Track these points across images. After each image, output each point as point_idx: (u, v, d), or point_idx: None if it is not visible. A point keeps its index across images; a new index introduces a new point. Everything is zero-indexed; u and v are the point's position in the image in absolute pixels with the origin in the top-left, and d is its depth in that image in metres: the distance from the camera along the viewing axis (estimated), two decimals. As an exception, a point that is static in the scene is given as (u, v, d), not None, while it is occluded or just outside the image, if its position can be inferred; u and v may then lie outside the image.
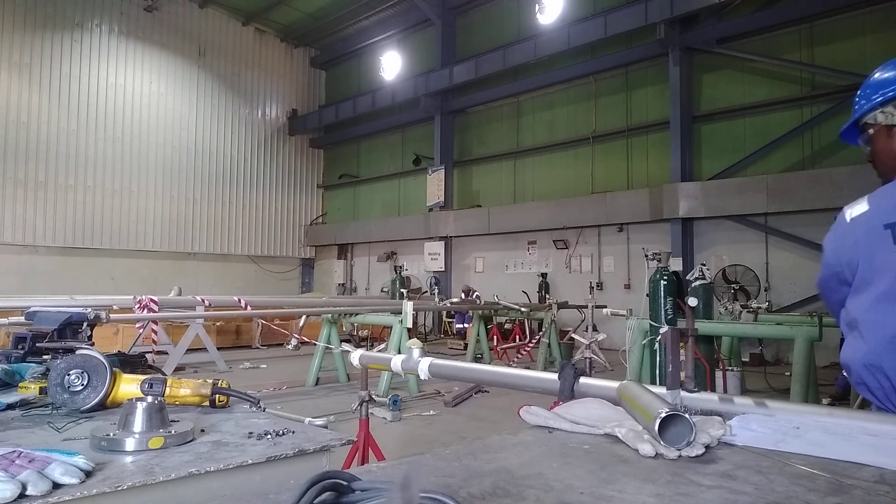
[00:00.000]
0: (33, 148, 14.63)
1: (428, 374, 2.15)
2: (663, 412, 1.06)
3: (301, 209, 19.95)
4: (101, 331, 2.15)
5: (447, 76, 15.13)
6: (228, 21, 18.30)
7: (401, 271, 15.12)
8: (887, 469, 0.97)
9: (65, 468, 0.97)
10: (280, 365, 10.00)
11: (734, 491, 0.88)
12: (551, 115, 14.45)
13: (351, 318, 8.94)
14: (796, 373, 5.50)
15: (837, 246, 1.47)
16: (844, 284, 1.44)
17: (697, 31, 11.56)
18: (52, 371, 1.49)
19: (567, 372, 1.61)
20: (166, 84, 16.98)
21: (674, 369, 1.35)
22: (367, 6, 17.07)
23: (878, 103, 1.50)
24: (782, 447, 1.09)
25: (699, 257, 10.87)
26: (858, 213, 1.43)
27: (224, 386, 1.62)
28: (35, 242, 14.63)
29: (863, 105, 1.54)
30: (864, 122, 1.55)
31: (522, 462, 1.04)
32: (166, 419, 1.27)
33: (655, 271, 5.93)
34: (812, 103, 10.58)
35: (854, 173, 9.57)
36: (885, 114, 1.48)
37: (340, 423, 5.25)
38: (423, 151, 16.78)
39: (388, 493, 0.76)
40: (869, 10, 10.03)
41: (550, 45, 13.14)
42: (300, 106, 19.87)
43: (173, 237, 16.90)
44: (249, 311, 8.82)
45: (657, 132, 12.35)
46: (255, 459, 1.18)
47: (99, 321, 1.91)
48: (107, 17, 15.94)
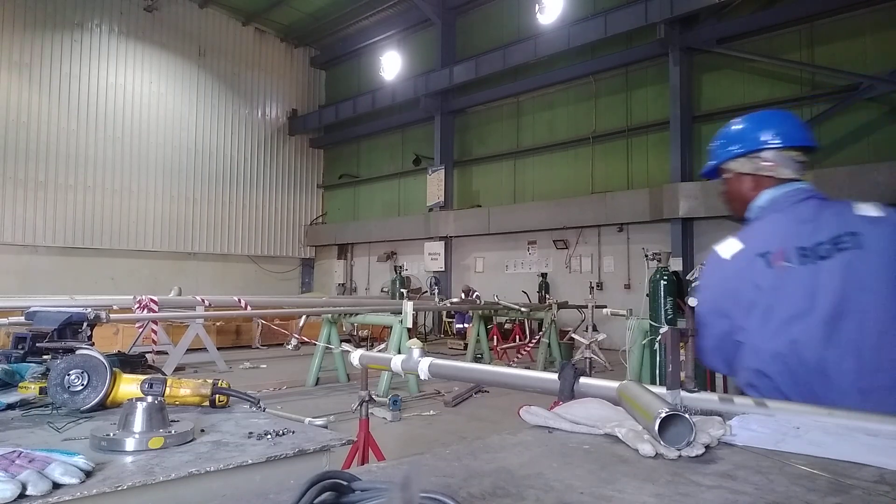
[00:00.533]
0: (33, 148, 14.63)
1: (428, 374, 2.15)
2: (663, 412, 1.06)
3: (301, 209, 19.95)
4: (101, 331, 2.15)
5: (447, 76, 15.13)
6: (228, 21, 18.30)
7: (401, 271, 15.14)
8: (887, 469, 0.97)
9: (65, 468, 0.97)
10: (280, 365, 10.00)
11: (734, 491, 0.88)
12: (551, 115, 14.45)
13: (351, 318, 8.94)
14: (796, 373, 5.49)
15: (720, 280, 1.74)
16: (724, 318, 1.70)
17: (697, 31, 11.55)
18: (52, 371, 1.49)
19: (567, 372, 1.61)
20: (166, 84, 16.98)
21: (674, 369, 1.36)
22: (367, 6, 17.07)
23: (734, 156, 1.83)
24: (782, 447, 1.09)
25: (699, 257, 10.87)
26: (737, 251, 1.71)
27: (224, 386, 1.62)
28: (35, 242, 14.63)
29: (720, 155, 1.87)
30: (721, 167, 1.88)
31: (522, 462, 1.04)
32: (166, 419, 1.27)
33: (655, 271, 5.93)
34: (812, 103, 10.58)
35: (854, 173, 9.58)
36: (739, 163, 1.82)
37: (340, 423, 5.25)
38: (423, 151, 16.79)
39: (388, 493, 0.76)
40: (869, 10, 10.03)
41: (550, 45, 13.14)
42: (300, 106, 19.87)
43: (173, 237, 16.90)
44: (249, 311, 8.82)
45: (657, 132, 12.35)
46: (255, 459, 1.18)
47: (99, 321, 1.91)
48: (107, 17, 15.94)
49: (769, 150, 1.77)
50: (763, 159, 1.78)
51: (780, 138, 1.77)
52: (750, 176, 1.80)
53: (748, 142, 1.81)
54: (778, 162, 1.76)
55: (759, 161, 1.78)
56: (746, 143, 1.81)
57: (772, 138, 1.77)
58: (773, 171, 1.76)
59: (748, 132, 1.83)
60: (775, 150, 1.77)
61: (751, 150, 1.80)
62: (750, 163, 1.80)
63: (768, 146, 1.77)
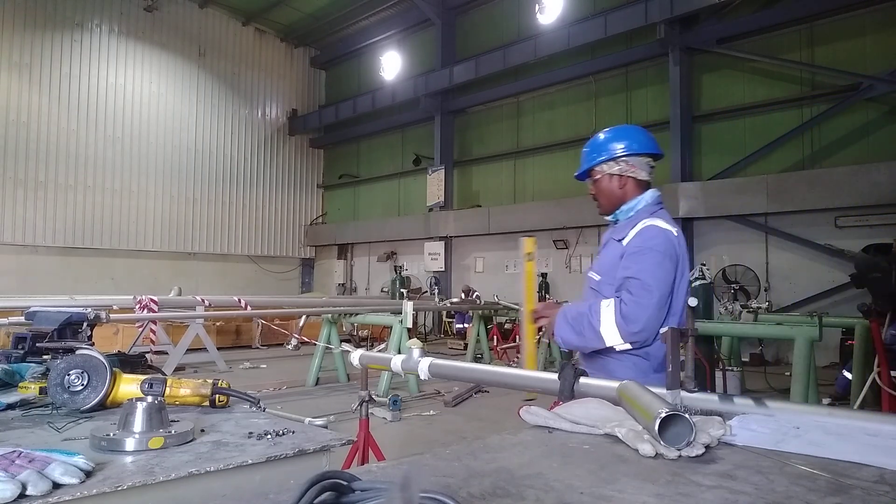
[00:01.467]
0: (33, 148, 14.63)
1: (428, 374, 2.15)
2: (663, 412, 1.06)
3: (301, 209, 19.94)
4: (101, 331, 2.15)
5: (447, 76, 15.12)
6: (228, 21, 18.29)
7: (401, 271, 15.14)
8: (887, 469, 0.97)
9: (65, 468, 0.97)
10: (280, 365, 10.00)
11: (734, 491, 0.88)
12: (551, 115, 14.44)
13: (351, 318, 8.94)
14: (796, 373, 5.50)
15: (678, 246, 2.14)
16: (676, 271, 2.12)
17: (697, 31, 11.55)
18: (52, 371, 1.49)
19: (567, 372, 1.62)
20: (166, 84, 16.98)
21: (674, 369, 1.36)
22: (367, 6, 17.06)
23: (601, 161, 2.24)
24: (782, 447, 1.09)
25: (699, 257, 10.85)
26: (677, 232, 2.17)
27: (224, 386, 1.62)
28: (35, 242, 14.63)
29: (591, 160, 2.28)
30: (594, 169, 2.28)
31: (522, 462, 1.04)
32: (166, 419, 1.27)
33: (655, 271, 5.91)
34: (812, 103, 10.57)
35: (854, 173, 9.58)
36: (606, 166, 2.24)
37: (340, 423, 5.25)
38: (423, 151, 16.78)
39: (388, 493, 0.76)
40: (869, 10, 10.02)
41: (550, 45, 13.13)
42: (300, 106, 19.86)
43: (173, 237, 16.89)
44: (249, 311, 8.83)
45: (657, 132, 12.25)
46: (255, 459, 1.18)
47: (99, 321, 1.91)
48: (107, 17, 15.93)
49: (627, 156, 2.20)
50: (626, 162, 2.20)
51: (635, 146, 2.21)
52: (616, 177, 2.22)
53: (612, 149, 2.22)
54: (636, 166, 2.21)
55: (622, 164, 2.20)
56: (610, 150, 2.23)
57: (629, 146, 2.21)
58: (634, 172, 2.20)
59: (611, 141, 2.24)
60: (632, 156, 2.20)
61: (613, 155, 2.21)
62: (616, 165, 2.21)
63: (627, 153, 2.20)
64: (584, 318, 2.08)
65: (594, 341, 2.07)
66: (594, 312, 2.06)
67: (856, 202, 9.56)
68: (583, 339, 2.09)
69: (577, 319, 2.10)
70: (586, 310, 2.09)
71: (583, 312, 2.09)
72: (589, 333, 2.06)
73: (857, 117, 10.10)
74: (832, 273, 10.02)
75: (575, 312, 2.12)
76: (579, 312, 2.10)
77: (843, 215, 9.94)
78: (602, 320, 2.04)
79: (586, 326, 2.06)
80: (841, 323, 7.44)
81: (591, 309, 2.07)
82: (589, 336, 2.06)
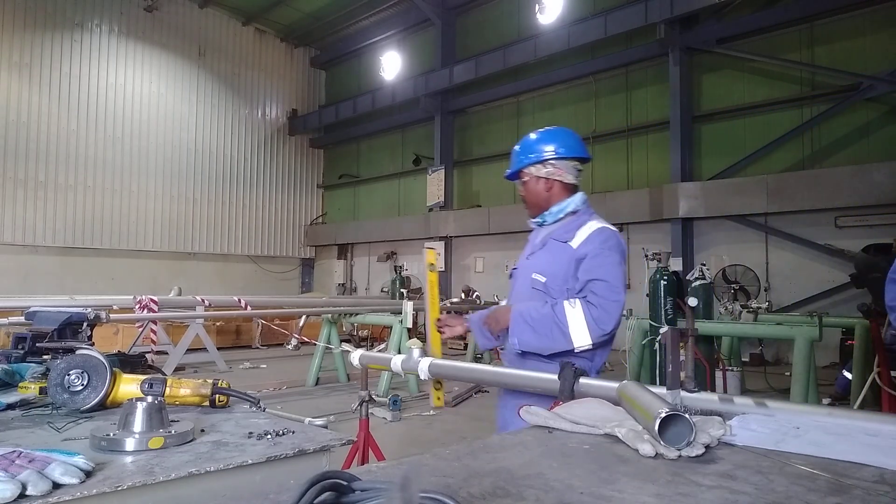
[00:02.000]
0: (33, 148, 14.62)
1: (428, 374, 2.16)
2: (663, 412, 1.06)
3: (301, 209, 19.94)
4: (101, 331, 2.15)
5: (447, 76, 15.12)
6: (228, 21, 18.29)
7: (401, 271, 15.12)
8: (887, 469, 0.97)
9: (65, 468, 0.97)
10: (280, 365, 10.00)
11: (734, 491, 0.88)
12: (551, 115, 14.43)
13: (351, 318, 8.94)
14: (796, 373, 5.50)
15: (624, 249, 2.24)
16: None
17: (697, 31, 11.55)
18: (52, 371, 1.49)
19: (567, 372, 1.62)
20: (166, 84, 16.98)
21: (674, 369, 1.36)
22: (367, 6, 17.06)
23: (530, 162, 2.25)
24: (782, 447, 1.09)
25: (699, 257, 10.86)
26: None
27: (224, 386, 1.62)
28: (35, 242, 14.62)
29: (520, 161, 2.29)
30: (522, 171, 2.29)
31: (522, 462, 1.04)
32: (166, 419, 1.27)
33: (655, 271, 5.93)
34: (812, 103, 10.58)
35: (854, 173, 9.58)
36: (534, 168, 2.24)
37: (340, 423, 5.25)
38: (423, 151, 16.78)
39: (388, 493, 0.76)
40: (869, 10, 10.02)
41: (550, 45, 13.13)
42: (300, 106, 19.86)
43: (173, 237, 16.89)
44: (249, 311, 8.83)
45: (657, 132, 12.35)
46: (255, 459, 1.18)
47: (99, 321, 1.91)
48: (107, 17, 15.93)
49: (555, 160, 2.21)
50: (553, 165, 2.21)
51: (563, 150, 2.22)
52: (543, 180, 2.23)
53: (540, 152, 2.23)
54: (563, 169, 2.21)
55: (549, 167, 2.21)
56: (538, 153, 2.23)
57: (557, 149, 2.21)
58: (561, 176, 2.21)
59: (540, 143, 2.25)
60: (559, 159, 2.21)
61: (541, 158, 2.22)
62: (544, 168, 2.22)
63: (555, 156, 2.21)
64: (547, 320, 2.04)
65: (560, 343, 2.03)
66: (559, 314, 2.03)
67: (856, 202, 9.56)
68: (547, 340, 2.05)
69: (539, 321, 2.06)
70: (549, 311, 2.05)
71: (546, 314, 2.05)
72: (556, 335, 2.03)
73: (856, 117, 10.10)
74: (832, 273, 10.02)
75: (536, 314, 2.07)
76: (541, 314, 2.06)
77: (843, 215, 9.94)
78: (570, 322, 2.01)
79: (553, 328, 2.03)
80: (841, 323, 7.44)
81: (556, 310, 2.04)
82: (556, 337, 2.03)
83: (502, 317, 2.18)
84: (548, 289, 2.15)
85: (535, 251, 2.29)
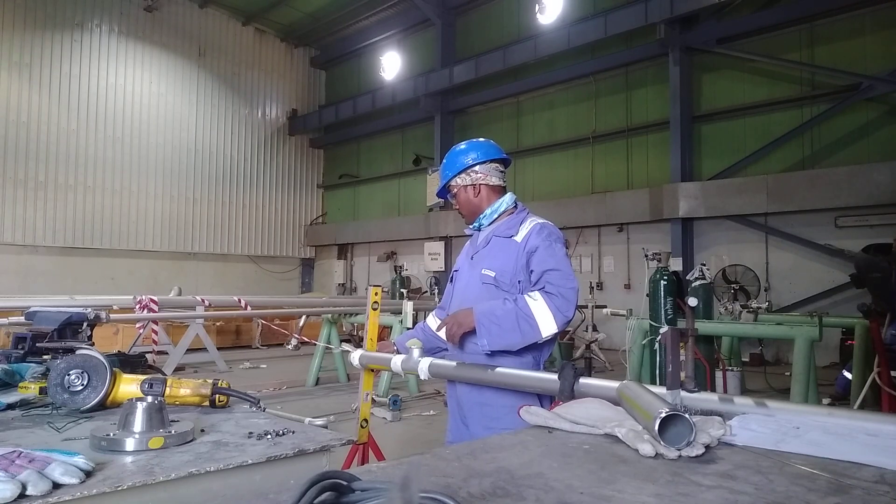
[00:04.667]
0: (33, 148, 14.62)
1: (428, 374, 2.16)
2: (663, 412, 1.06)
3: (301, 209, 19.94)
4: (101, 331, 2.15)
5: (447, 76, 15.12)
6: (228, 21, 18.28)
7: (401, 271, 15.11)
8: (887, 469, 0.97)
9: (65, 468, 0.97)
10: (280, 365, 10.00)
11: (734, 491, 0.88)
12: (551, 114, 14.44)
13: (351, 318, 8.94)
14: (796, 373, 5.50)
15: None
16: None
17: (697, 31, 11.55)
18: (52, 371, 1.49)
19: (567, 372, 1.62)
20: (166, 84, 16.97)
21: (674, 369, 1.36)
22: (367, 6, 17.05)
23: (454, 174, 2.39)
24: (782, 447, 1.09)
25: (699, 257, 10.86)
26: None
27: (224, 386, 1.62)
28: (35, 242, 14.62)
29: (446, 175, 2.43)
30: (450, 185, 2.44)
31: (522, 462, 1.04)
32: (166, 419, 1.27)
33: (655, 271, 5.93)
34: (812, 103, 10.57)
35: (854, 173, 9.58)
36: (460, 179, 2.39)
37: (340, 423, 5.25)
38: (423, 151, 16.78)
39: (388, 493, 0.76)
40: (869, 10, 10.02)
41: (550, 45, 13.13)
42: (300, 106, 19.86)
43: (173, 237, 16.89)
44: (249, 311, 8.82)
45: (657, 132, 12.35)
46: (255, 459, 1.18)
47: (99, 321, 1.91)
48: (107, 17, 15.92)
49: (477, 165, 2.35)
50: (476, 172, 2.36)
51: (480, 155, 2.37)
52: (470, 187, 2.37)
53: (460, 163, 2.39)
54: (486, 173, 2.36)
55: (473, 175, 2.36)
56: (459, 164, 2.39)
57: (475, 156, 2.37)
58: (486, 179, 2.36)
59: (458, 156, 2.41)
60: (480, 163, 2.35)
61: (463, 167, 2.37)
62: (468, 177, 2.37)
63: (473, 161, 2.36)
64: (512, 315, 2.07)
65: (529, 336, 2.08)
66: (523, 307, 2.08)
67: (856, 202, 9.56)
68: (516, 335, 2.08)
69: (505, 318, 2.08)
70: (513, 307, 2.09)
71: (510, 310, 2.08)
72: (524, 328, 2.06)
73: (857, 117, 10.10)
74: (832, 273, 10.03)
75: (501, 312, 2.10)
76: (506, 311, 2.09)
77: (843, 215, 9.95)
78: (536, 313, 2.07)
79: (519, 322, 2.06)
80: (841, 323, 7.44)
81: (519, 305, 2.09)
82: (525, 330, 2.07)
83: (465, 320, 2.18)
84: (498, 282, 2.23)
85: (480, 250, 2.37)
